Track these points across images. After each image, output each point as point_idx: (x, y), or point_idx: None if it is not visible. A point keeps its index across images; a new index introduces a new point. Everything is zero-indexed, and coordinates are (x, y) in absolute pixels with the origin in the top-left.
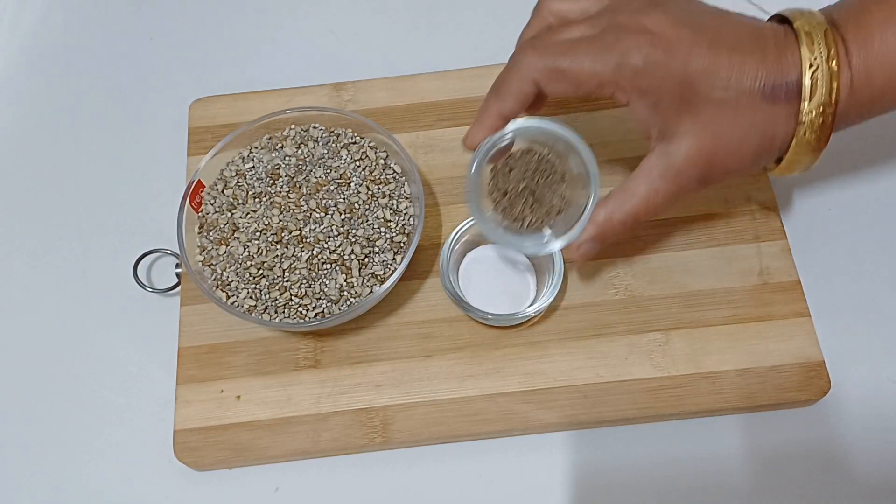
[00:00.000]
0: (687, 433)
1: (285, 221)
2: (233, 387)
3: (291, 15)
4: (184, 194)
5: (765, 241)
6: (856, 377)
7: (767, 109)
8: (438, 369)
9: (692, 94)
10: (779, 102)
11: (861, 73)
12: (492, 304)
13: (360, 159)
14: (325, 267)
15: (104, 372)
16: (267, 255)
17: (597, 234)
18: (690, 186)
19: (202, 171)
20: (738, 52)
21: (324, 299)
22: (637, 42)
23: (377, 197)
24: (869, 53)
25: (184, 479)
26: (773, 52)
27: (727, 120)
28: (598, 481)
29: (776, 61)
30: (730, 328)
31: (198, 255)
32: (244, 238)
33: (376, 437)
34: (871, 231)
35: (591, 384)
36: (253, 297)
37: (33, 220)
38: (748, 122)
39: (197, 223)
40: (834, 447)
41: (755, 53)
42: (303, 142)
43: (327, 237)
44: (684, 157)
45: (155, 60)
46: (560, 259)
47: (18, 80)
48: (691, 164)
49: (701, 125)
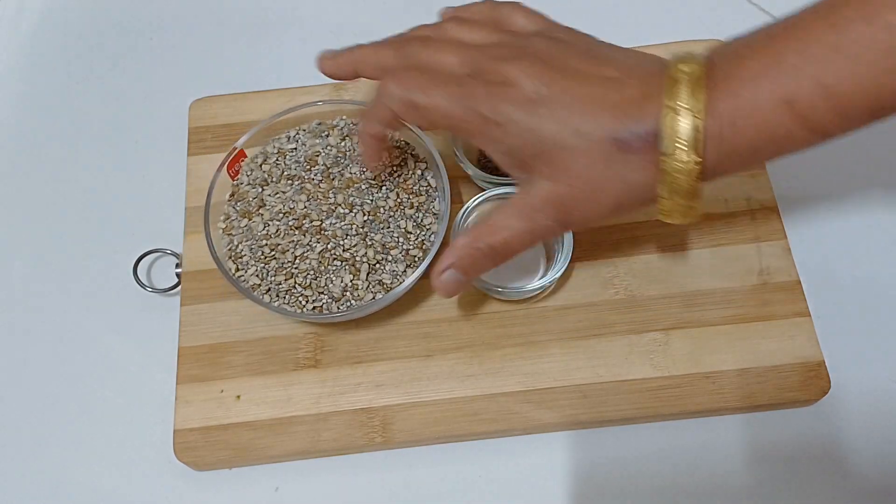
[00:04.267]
0: (687, 433)
1: (310, 209)
2: (233, 387)
3: (291, 15)
4: (223, 160)
5: (765, 241)
6: (856, 377)
7: (622, 158)
8: (438, 369)
9: (542, 143)
10: (633, 151)
11: (730, 122)
12: (502, 278)
13: (399, 165)
14: (334, 263)
15: (104, 372)
16: (283, 238)
17: (456, 262)
18: (549, 227)
19: (246, 142)
20: (594, 101)
21: (326, 295)
22: (490, 92)
23: (405, 206)
24: (739, 103)
25: (184, 479)
26: (635, 100)
27: (580, 168)
28: (598, 481)
29: (635, 109)
30: (730, 328)
31: (221, 221)
32: (267, 216)
33: (376, 437)
34: (871, 231)
35: (591, 384)
36: (259, 276)
37: (33, 220)
38: (602, 170)
39: (229, 190)
40: (834, 447)
41: (612, 102)
42: (348, 135)
43: (345, 234)
44: (540, 199)
45: (155, 60)
46: (569, 234)
47: (18, 80)
48: (547, 206)
49: (555, 170)
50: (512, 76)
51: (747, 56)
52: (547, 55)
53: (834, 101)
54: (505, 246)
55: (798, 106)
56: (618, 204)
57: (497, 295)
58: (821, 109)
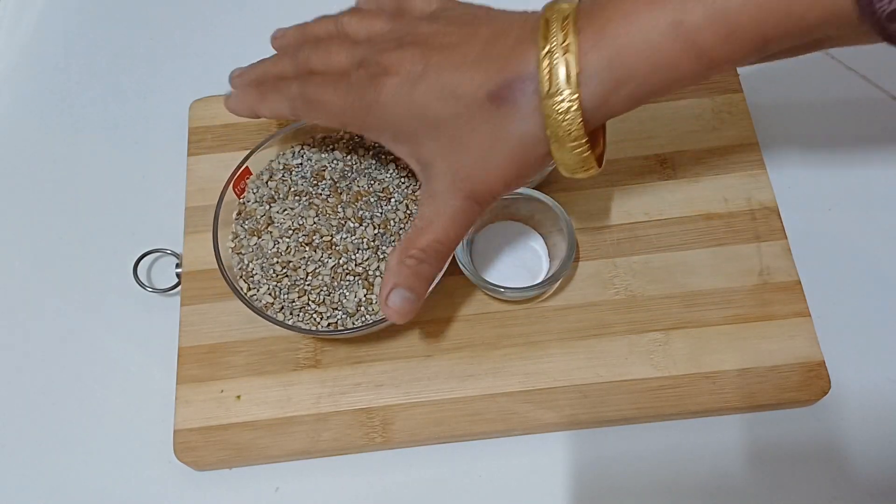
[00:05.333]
0: (687, 433)
1: (319, 225)
2: (233, 387)
3: (291, 15)
4: (228, 179)
5: (765, 241)
6: (856, 377)
7: (503, 112)
8: (438, 369)
9: (425, 119)
10: (510, 101)
11: (616, 52)
12: (505, 278)
13: (407, 177)
14: (347, 278)
15: (104, 372)
16: (294, 255)
17: (399, 281)
18: (463, 207)
19: (252, 160)
20: (464, 65)
21: (340, 310)
22: (373, 83)
23: (414, 217)
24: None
25: (184, 479)
26: (507, 50)
27: (465, 133)
28: (598, 481)
29: (506, 59)
30: (730, 328)
31: (230, 241)
32: (276, 234)
33: (376, 437)
34: (871, 231)
35: (591, 384)
36: (272, 295)
37: (33, 220)
38: (488, 130)
39: (236, 209)
40: (834, 447)
41: (483, 61)
42: (354, 148)
43: (356, 249)
44: (441, 182)
45: (155, 60)
46: (571, 232)
47: (18, 80)
48: (450, 186)
49: (444, 144)
50: (392, 64)
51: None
52: (427, 36)
53: (719, 23)
54: (436, 245)
55: (684, 28)
56: (514, 163)
57: (498, 295)
58: (706, 32)
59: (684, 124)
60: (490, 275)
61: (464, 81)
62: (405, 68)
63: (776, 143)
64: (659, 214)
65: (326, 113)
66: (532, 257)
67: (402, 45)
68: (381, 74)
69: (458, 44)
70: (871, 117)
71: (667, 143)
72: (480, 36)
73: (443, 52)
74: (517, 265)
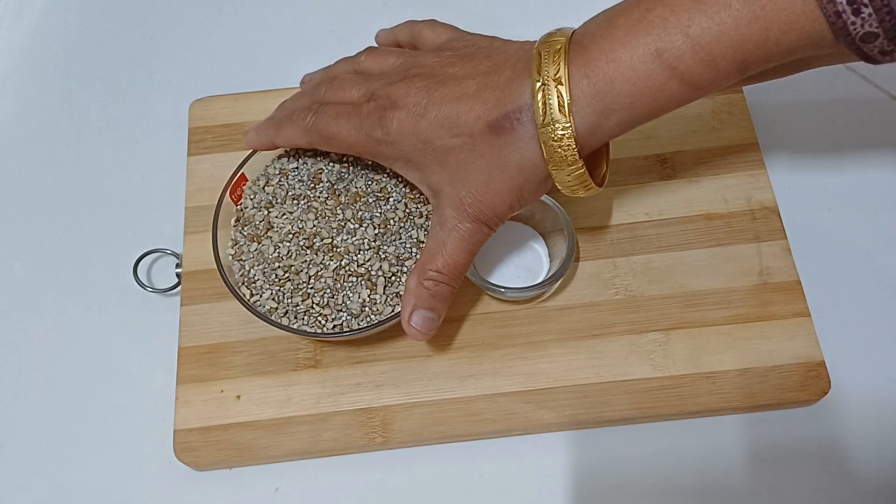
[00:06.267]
0: (687, 433)
1: (319, 227)
2: (233, 387)
3: (291, 15)
4: (224, 186)
5: (765, 241)
6: (856, 377)
7: (502, 141)
8: (438, 369)
9: (432, 149)
10: (508, 131)
11: (607, 81)
12: (506, 279)
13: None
14: (350, 279)
15: (104, 372)
16: (296, 259)
17: (418, 302)
18: (474, 229)
19: (248, 165)
20: (465, 97)
21: (345, 312)
22: (381, 116)
23: (414, 216)
24: (611, 59)
25: (184, 479)
26: (505, 83)
27: (469, 162)
28: (598, 481)
29: (504, 91)
30: (730, 328)
31: (230, 248)
32: (276, 238)
33: (376, 437)
34: (871, 231)
35: (591, 384)
36: (275, 300)
37: (33, 220)
38: (489, 158)
39: (234, 216)
40: (834, 447)
41: (482, 92)
42: None
43: (358, 250)
44: (450, 206)
45: (155, 60)
46: (571, 232)
47: (18, 80)
48: (458, 209)
49: (450, 172)
50: (399, 97)
51: (616, 16)
52: (432, 70)
53: (701, 51)
54: (451, 266)
55: (666, 57)
56: (516, 187)
57: (498, 295)
58: (689, 60)
59: (684, 124)
60: (490, 275)
61: (465, 113)
62: (411, 100)
63: (776, 143)
64: (659, 214)
65: (340, 143)
66: (532, 257)
67: (407, 78)
68: (389, 107)
69: (460, 76)
70: (871, 117)
71: (667, 143)
72: (481, 68)
73: (446, 84)
74: (517, 265)
